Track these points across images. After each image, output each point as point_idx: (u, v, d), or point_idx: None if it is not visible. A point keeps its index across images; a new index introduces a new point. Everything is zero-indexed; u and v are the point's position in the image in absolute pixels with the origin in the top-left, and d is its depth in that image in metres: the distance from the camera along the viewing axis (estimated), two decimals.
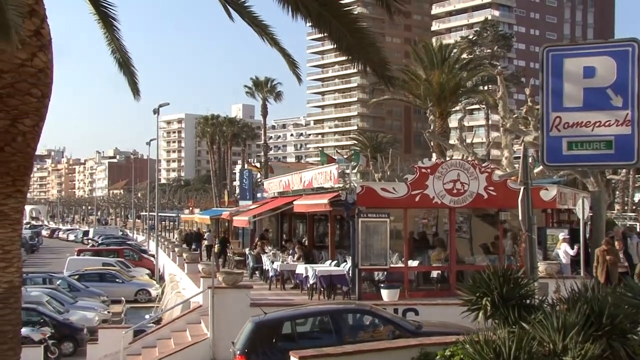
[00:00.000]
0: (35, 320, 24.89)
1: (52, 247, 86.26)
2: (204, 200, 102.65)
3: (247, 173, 60.89)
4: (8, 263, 9.03)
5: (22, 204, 9.43)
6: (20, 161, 9.11)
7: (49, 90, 9.25)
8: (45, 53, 9.02)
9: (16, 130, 8.89)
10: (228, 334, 16.46)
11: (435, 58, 45.12)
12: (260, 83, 75.66)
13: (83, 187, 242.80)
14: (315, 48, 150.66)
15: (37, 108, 9.10)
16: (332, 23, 10.26)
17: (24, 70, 8.72)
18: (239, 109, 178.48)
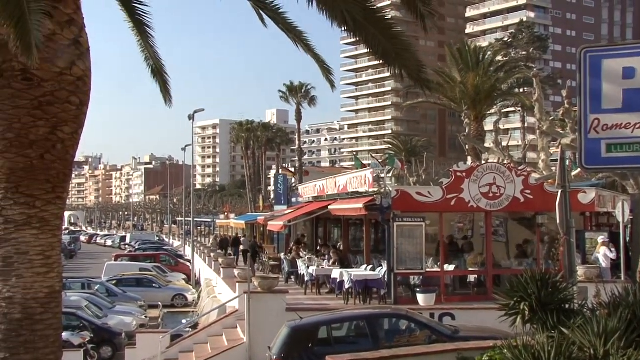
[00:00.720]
0: (75, 325, 25.16)
1: (90, 252, 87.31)
2: (239, 206, 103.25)
3: (282, 178, 61.04)
4: (49, 268, 9.15)
5: (62, 210, 9.55)
6: (59, 168, 9.23)
7: (87, 97, 9.37)
8: (84, 61, 9.13)
9: (56, 137, 9.01)
10: (264, 338, 16.50)
11: (470, 60, 44.83)
12: (295, 88, 75.84)
13: (120, 193, 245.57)
14: (349, 52, 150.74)
15: (76, 116, 9.21)
16: (368, 29, 10.24)
17: (63, 79, 8.84)
18: (273, 114, 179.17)
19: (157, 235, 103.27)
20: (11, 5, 7.40)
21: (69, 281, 36.16)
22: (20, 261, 8.94)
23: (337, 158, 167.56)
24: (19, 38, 7.36)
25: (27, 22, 7.32)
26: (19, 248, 8.96)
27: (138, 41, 12.50)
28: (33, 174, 8.97)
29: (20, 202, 8.97)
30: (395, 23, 10.92)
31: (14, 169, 8.89)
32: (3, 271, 8.95)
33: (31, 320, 8.90)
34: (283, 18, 11.78)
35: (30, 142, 8.82)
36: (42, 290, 9.02)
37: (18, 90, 8.62)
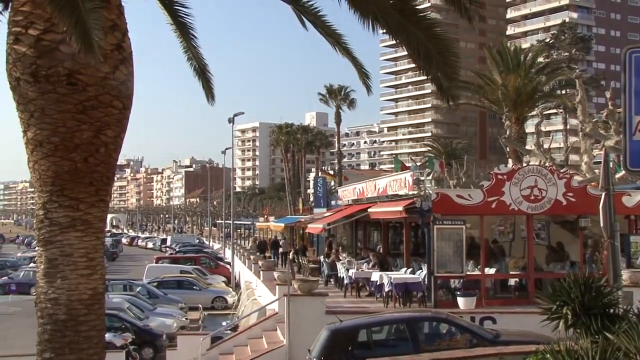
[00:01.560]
0: (117, 326, 25.45)
1: (131, 254, 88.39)
2: (278, 208, 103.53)
3: (321, 181, 61.09)
4: (92, 270, 9.28)
5: (105, 213, 9.69)
6: (103, 171, 9.37)
7: (129, 102, 9.50)
8: (127, 66, 9.27)
9: (99, 141, 9.14)
10: (304, 341, 16.53)
11: (510, 62, 44.37)
12: (334, 91, 75.88)
13: (160, 195, 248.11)
14: (388, 55, 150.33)
15: (119, 119, 9.35)
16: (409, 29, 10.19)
17: (107, 83, 8.98)
18: (313, 116, 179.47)
19: (197, 238, 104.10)
20: (67, 7, 7.51)
21: (111, 283, 36.63)
22: (64, 263, 9.09)
23: (376, 161, 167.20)
24: (79, 39, 7.46)
25: (86, 21, 7.42)
26: (63, 250, 9.11)
27: (181, 43, 12.66)
28: (77, 177, 9.11)
29: (65, 204, 9.12)
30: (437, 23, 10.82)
31: (59, 172, 9.05)
32: (48, 272, 9.11)
33: (75, 321, 9.04)
34: (322, 22, 11.80)
35: (75, 145, 8.96)
36: (86, 291, 9.16)
37: (63, 95, 8.77)
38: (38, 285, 9.31)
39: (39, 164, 9.11)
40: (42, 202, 9.22)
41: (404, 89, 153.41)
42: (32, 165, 9.24)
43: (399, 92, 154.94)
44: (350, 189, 35.66)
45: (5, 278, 50.86)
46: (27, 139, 9.13)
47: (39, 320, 9.28)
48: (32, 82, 8.76)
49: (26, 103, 8.92)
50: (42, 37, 8.66)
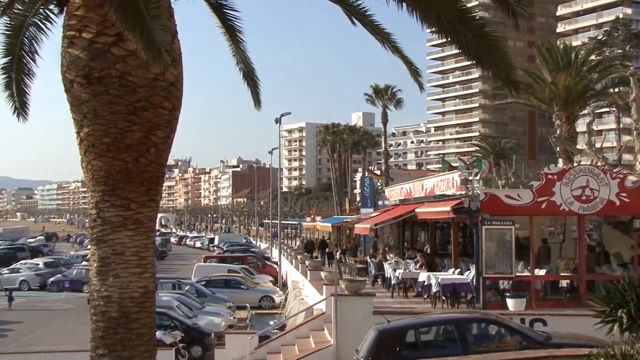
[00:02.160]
0: (166, 324, 25.70)
1: (180, 253, 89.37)
2: (325, 208, 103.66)
3: (368, 181, 61.00)
4: (143, 269, 9.43)
5: (155, 212, 9.83)
6: (153, 171, 9.50)
7: (179, 103, 9.62)
8: (176, 67, 9.38)
9: (149, 142, 9.28)
10: (351, 341, 16.52)
11: (561, 60, 43.63)
12: (381, 90, 75.59)
13: (208, 195, 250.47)
14: (435, 54, 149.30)
15: (169, 120, 9.47)
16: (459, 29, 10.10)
17: (157, 84, 9.10)
18: (359, 116, 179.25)
19: (244, 238, 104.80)
20: (130, 13, 7.63)
21: (161, 282, 37.08)
22: (116, 261, 9.26)
23: (423, 160, 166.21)
24: (145, 46, 7.57)
25: (151, 29, 7.53)
26: (115, 249, 9.28)
27: (230, 46, 12.75)
28: (128, 177, 9.26)
29: (117, 204, 9.29)
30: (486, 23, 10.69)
31: (110, 172, 9.21)
32: (101, 271, 9.29)
33: (127, 318, 9.20)
34: (371, 20, 11.77)
35: (126, 146, 9.11)
36: (137, 289, 9.31)
37: (115, 96, 8.93)
38: (91, 283, 9.49)
39: (92, 164, 9.29)
40: (95, 201, 9.40)
41: (451, 89, 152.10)
42: (85, 166, 9.42)
43: (446, 91, 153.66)
44: (398, 189, 35.53)
45: (59, 275, 51.93)
46: (80, 139, 9.33)
47: (92, 318, 9.46)
48: (85, 84, 8.94)
49: (79, 105, 9.10)
50: (95, 40, 8.83)
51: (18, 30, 11.40)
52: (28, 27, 11.43)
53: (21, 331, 33.26)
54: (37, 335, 32.18)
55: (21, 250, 77.83)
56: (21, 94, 12.10)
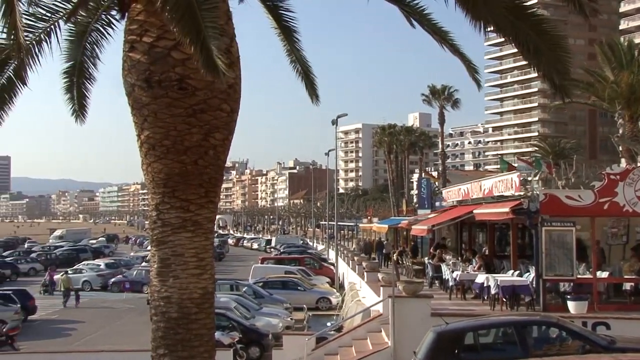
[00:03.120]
0: (224, 325, 25.94)
1: (237, 255, 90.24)
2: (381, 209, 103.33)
3: (425, 182, 60.54)
4: (202, 270, 9.54)
5: (214, 214, 9.93)
6: (211, 173, 9.61)
7: (237, 105, 9.70)
8: (234, 70, 9.46)
9: (208, 144, 9.38)
10: (409, 343, 16.42)
11: (624, 57, 42.57)
12: (437, 91, 75.01)
13: (265, 197, 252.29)
14: (493, 54, 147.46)
15: (227, 122, 9.56)
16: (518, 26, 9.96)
17: (215, 87, 9.19)
18: (416, 117, 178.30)
19: (301, 239, 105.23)
20: (187, 21, 7.75)
21: (219, 283, 37.45)
22: (176, 263, 9.38)
23: (481, 161, 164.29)
24: (201, 55, 7.67)
25: (206, 38, 7.63)
26: (175, 250, 9.40)
27: (284, 46, 12.80)
28: (187, 179, 9.38)
29: (176, 206, 9.41)
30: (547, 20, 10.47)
31: (170, 174, 9.35)
32: (161, 272, 9.42)
33: (187, 319, 9.32)
34: (428, 20, 11.69)
35: (185, 148, 9.24)
36: (196, 290, 9.42)
37: (174, 99, 9.06)
38: (151, 284, 9.64)
39: (152, 167, 9.44)
40: (155, 203, 9.54)
41: (509, 88, 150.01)
42: (146, 168, 9.58)
43: (504, 91, 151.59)
44: (455, 190, 35.19)
45: (119, 276, 53.02)
46: (141, 142, 9.48)
47: (153, 318, 9.62)
48: (145, 87, 9.09)
49: (140, 108, 9.26)
50: (155, 44, 8.98)
51: (81, 36, 11.68)
52: (90, 32, 11.70)
53: (84, 330, 34.07)
54: (99, 335, 32.91)
55: (83, 251, 79.78)
56: (81, 98, 12.38)
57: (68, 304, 43.48)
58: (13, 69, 11.27)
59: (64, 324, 36.43)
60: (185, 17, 7.87)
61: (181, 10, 7.89)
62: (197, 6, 7.87)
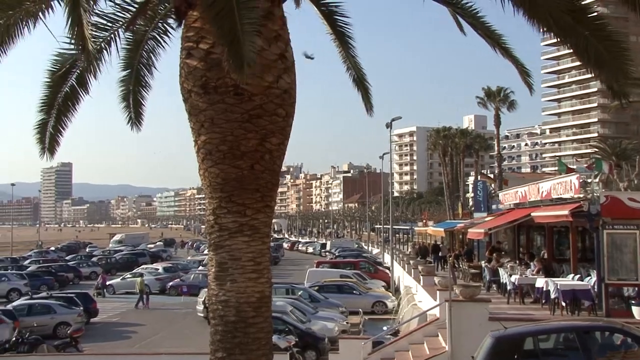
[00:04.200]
0: (281, 329, 26.03)
1: (292, 259, 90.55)
2: (437, 213, 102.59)
3: (481, 185, 59.82)
4: (259, 274, 9.57)
5: (270, 218, 9.96)
6: (268, 178, 9.64)
7: (292, 109, 9.72)
8: (289, 75, 9.49)
9: (264, 148, 9.42)
10: (467, 347, 16.23)
11: None
12: (493, 93, 74.03)
13: (320, 201, 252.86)
14: (550, 54, 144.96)
15: (282, 127, 9.59)
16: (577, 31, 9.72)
17: (271, 92, 9.23)
18: (471, 119, 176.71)
19: (356, 243, 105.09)
20: (226, 26, 7.81)
21: (274, 286, 37.49)
22: (233, 267, 9.44)
23: (538, 163, 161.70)
24: (231, 57, 7.74)
25: (241, 43, 7.65)
26: (232, 254, 9.46)
27: (339, 52, 12.77)
28: (244, 184, 9.43)
29: (233, 210, 9.47)
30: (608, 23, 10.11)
31: (227, 179, 9.41)
32: (218, 276, 9.50)
33: (244, 323, 9.36)
34: (482, 22, 11.54)
35: (242, 153, 9.28)
36: (253, 294, 9.46)
37: (230, 104, 9.13)
38: (209, 288, 9.72)
39: (209, 172, 9.52)
40: (212, 208, 9.62)
41: (567, 89, 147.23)
42: (203, 173, 9.66)
43: (562, 91, 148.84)
44: (512, 192, 34.72)
45: (177, 280, 53.75)
46: (198, 147, 9.58)
47: (211, 321, 9.70)
48: (202, 93, 9.18)
49: (197, 114, 9.36)
50: (211, 51, 9.05)
51: (137, 45, 11.90)
52: (147, 41, 11.91)
53: (144, 333, 34.63)
54: (158, 337, 33.41)
55: (142, 255, 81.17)
56: (137, 106, 12.59)
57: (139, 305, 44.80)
58: (75, 78, 11.56)
59: (124, 327, 37.11)
60: (219, 16, 7.90)
61: (217, 9, 7.92)
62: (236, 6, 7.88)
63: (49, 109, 11.58)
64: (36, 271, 59.00)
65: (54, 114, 11.63)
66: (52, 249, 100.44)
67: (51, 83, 11.44)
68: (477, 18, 11.51)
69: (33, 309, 34.57)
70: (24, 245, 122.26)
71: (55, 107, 11.60)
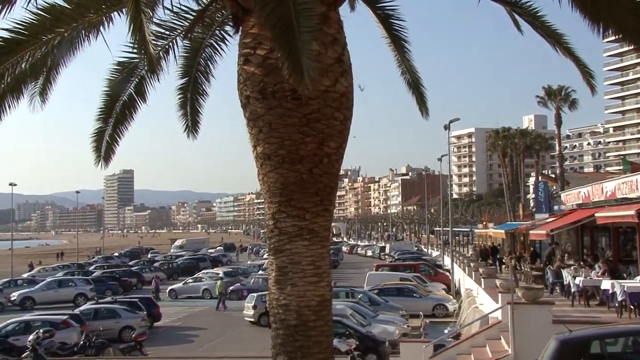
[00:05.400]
0: (341, 332, 25.98)
1: (351, 262, 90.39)
2: (497, 214, 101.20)
3: (542, 185, 58.87)
4: (319, 278, 9.60)
5: (329, 222, 9.98)
6: (326, 181, 9.67)
7: (350, 113, 9.73)
8: (346, 78, 9.51)
9: (322, 152, 9.45)
10: (530, 351, 15.97)
11: None
12: (553, 92, 72.66)
13: (378, 204, 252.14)
14: (613, 50, 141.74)
15: (340, 131, 9.60)
16: None
17: (328, 96, 9.26)
18: (531, 119, 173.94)
19: (415, 246, 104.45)
20: (286, 35, 7.86)
21: (334, 290, 37.54)
22: (293, 270, 9.49)
23: (601, 163, 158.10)
24: (290, 66, 7.77)
25: (299, 53, 7.67)
26: (292, 258, 9.51)
27: (395, 56, 12.71)
28: (303, 188, 9.47)
29: (292, 214, 9.53)
30: None
31: (285, 184, 9.47)
32: (279, 280, 9.56)
33: (305, 326, 9.40)
34: (541, 22, 11.36)
35: (300, 157, 9.33)
36: (314, 298, 9.49)
37: (288, 109, 9.19)
38: (270, 292, 9.79)
39: (268, 176, 9.60)
40: (272, 212, 9.69)
41: (631, 85, 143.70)
42: (262, 178, 9.75)
43: (626, 89, 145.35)
44: (575, 193, 34.05)
45: (238, 284, 54.25)
46: (257, 153, 9.66)
47: (272, 325, 9.77)
48: (260, 99, 9.27)
49: (255, 119, 9.44)
50: (268, 56, 9.13)
51: (195, 52, 12.08)
52: (204, 48, 12.07)
53: (206, 337, 35.05)
54: (220, 341, 33.79)
55: (203, 260, 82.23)
56: (194, 114, 12.76)
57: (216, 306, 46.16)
58: (134, 87, 11.80)
59: (187, 331, 37.63)
60: (279, 23, 7.94)
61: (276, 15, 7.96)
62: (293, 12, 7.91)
63: (107, 118, 11.83)
64: (101, 276, 60.36)
65: (112, 122, 11.88)
66: (115, 255, 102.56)
67: (109, 92, 11.70)
68: (536, 17, 11.34)
69: (99, 314, 35.38)
70: (89, 251, 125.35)
71: (113, 115, 11.84)
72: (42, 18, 9.86)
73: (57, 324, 30.53)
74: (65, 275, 62.69)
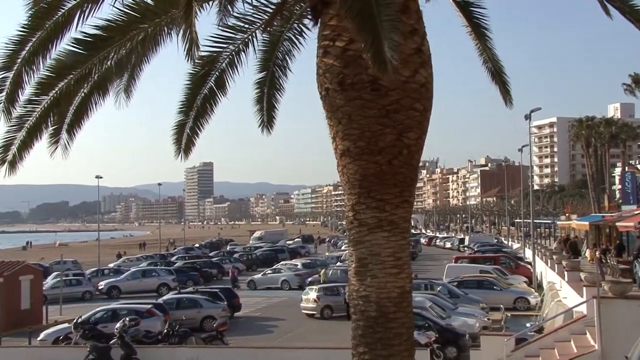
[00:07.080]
0: (420, 324, 25.79)
1: (430, 254, 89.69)
2: (580, 206, 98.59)
3: (629, 176, 56.93)
4: (399, 269, 9.55)
5: (409, 213, 9.90)
6: (406, 173, 9.59)
7: (429, 104, 9.62)
8: (426, 69, 9.40)
9: (402, 143, 9.37)
10: (619, 347, 15.52)
11: None
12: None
13: (457, 195, 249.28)
14: None
15: (420, 122, 9.51)
16: None
17: (408, 87, 9.18)
18: (616, 108, 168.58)
19: (495, 238, 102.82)
20: (368, 25, 7.83)
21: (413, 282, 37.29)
22: (373, 262, 9.47)
23: None
24: (373, 56, 7.73)
25: (382, 43, 7.65)
26: (372, 250, 9.49)
27: (475, 45, 12.47)
28: (382, 179, 9.42)
29: (372, 206, 9.49)
30: None
31: (365, 175, 9.44)
32: (359, 271, 9.55)
33: (385, 318, 9.37)
34: (630, 6, 10.94)
35: (379, 148, 9.29)
36: (394, 290, 9.45)
37: (367, 100, 9.15)
38: (350, 283, 9.80)
39: (347, 168, 9.59)
40: (351, 204, 9.68)
41: None
42: (341, 170, 9.74)
43: None
44: None
45: (316, 276, 54.51)
46: (336, 144, 9.66)
47: (352, 316, 9.78)
48: (339, 90, 9.26)
49: (334, 111, 9.44)
50: (347, 48, 9.11)
51: (273, 46, 12.13)
52: (282, 42, 12.12)
53: (285, 327, 35.43)
54: (299, 332, 34.08)
55: (281, 252, 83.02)
56: (270, 109, 12.84)
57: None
58: (214, 80, 11.95)
59: (266, 321, 38.10)
60: (360, 13, 7.89)
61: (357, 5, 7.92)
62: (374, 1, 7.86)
63: (188, 111, 12.01)
64: (182, 267, 61.72)
65: (192, 115, 12.06)
66: (196, 246, 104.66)
67: (191, 85, 11.88)
68: (625, 2, 10.94)
69: (181, 303, 36.19)
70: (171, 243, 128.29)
71: (193, 109, 12.02)
72: (128, 15, 10.10)
73: (142, 313, 31.43)
74: (148, 265, 64.42)
